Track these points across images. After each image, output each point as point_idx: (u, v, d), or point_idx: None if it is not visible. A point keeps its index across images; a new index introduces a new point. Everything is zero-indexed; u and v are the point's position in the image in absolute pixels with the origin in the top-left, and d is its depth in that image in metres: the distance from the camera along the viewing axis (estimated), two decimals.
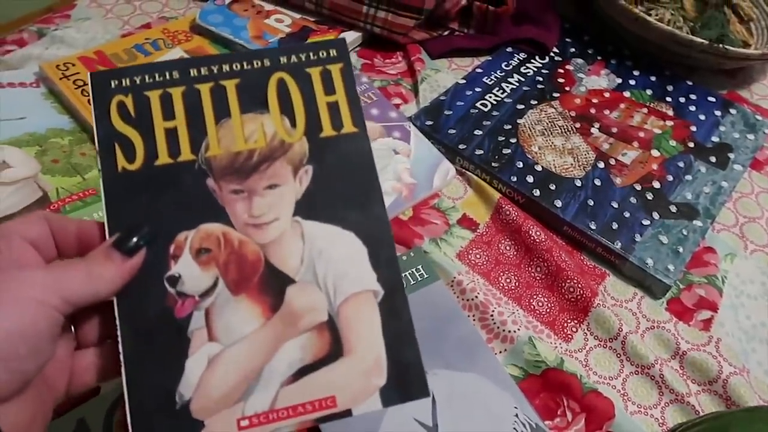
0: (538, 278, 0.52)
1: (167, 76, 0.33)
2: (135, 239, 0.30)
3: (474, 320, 0.49)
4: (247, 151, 0.33)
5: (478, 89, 0.66)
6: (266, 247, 0.32)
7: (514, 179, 0.57)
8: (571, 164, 0.59)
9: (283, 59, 0.34)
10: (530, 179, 0.57)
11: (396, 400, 0.30)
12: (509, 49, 0.72)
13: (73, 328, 0.30)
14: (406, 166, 0.56)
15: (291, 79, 0.34)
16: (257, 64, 0.34)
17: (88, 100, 0.56)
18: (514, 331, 0.47)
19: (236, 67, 0.34)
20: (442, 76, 0.69)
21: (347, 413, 0.30)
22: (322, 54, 0.35)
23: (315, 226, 0.32)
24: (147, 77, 0.33)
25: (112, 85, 0.33)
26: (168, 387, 0.29)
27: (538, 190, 0.56)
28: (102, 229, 0.31)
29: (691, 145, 0.63)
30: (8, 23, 1.65)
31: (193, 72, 0.34)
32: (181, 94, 0.33)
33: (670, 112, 0.66)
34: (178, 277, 0.31)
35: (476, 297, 0.49)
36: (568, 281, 0.51)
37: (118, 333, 0.30)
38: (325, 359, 0.31)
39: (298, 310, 0.31)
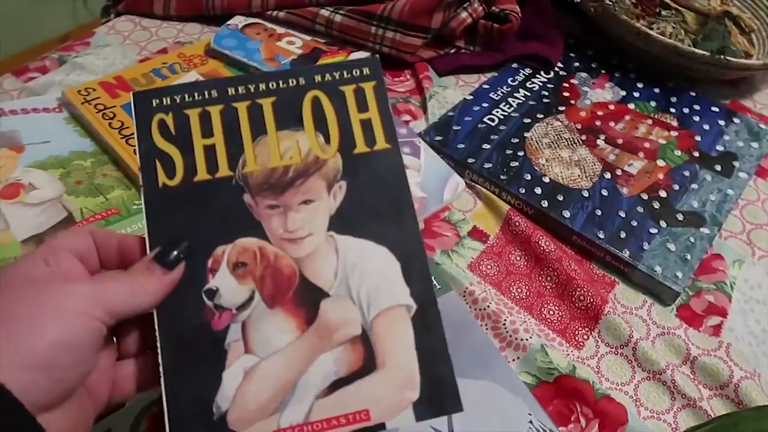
0: (548, 287, 0.53)
1: (206, 95, 0.34)
2: (175, 253, 0.31)
3: (487, 329, 0.50)
4: (283, 167, 0.34)
5: (485, 105, 0.67)
6: (301, 262, 0.32)
7: (523, 191, 0.58)
8: (579, 175, 0.60)
9: (318, 78, 0.35)
10: (538, 191, 0.58)
11: (429, 414, 0.31)
12: (515, 65, 0.74)
13: (114, 339, 0.31)
14: (416, 180, 0.58)
15: (325, 97, 0.35)
16: (292, 82, 0.35)
17: (110, 124, 0.59)
18: (527, 339, 0.48)
19: (272, 85, 0.35)
20: (450, 92, 0.71)
21: (381, 427, 0.31)
22: (356, 72, 0.36)
23: (349, 240, 0.33)
24: (187, 96, 0.34)
25: (154, 104, 0.34)
26: (205, 398, 0.30)
27: (546, 202, 0.57)
28: (143, 243, 0.32)
29: (696, 154, 0.64)
30: (27, 51, 1.70)
31: (231, 91, 0.35)
32: (219, 112, 0.34)
33: (675, 123, 0.68)
34: (216, 290, 0.32)
35: (488, 306, 0.50)
36: (579, 290, 0.52)
37: (158, 344, 0.30)
38: (358, 372, 0.31)
39: (332, 323, 0.32)
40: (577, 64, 0.75)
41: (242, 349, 0.31)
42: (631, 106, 0.69)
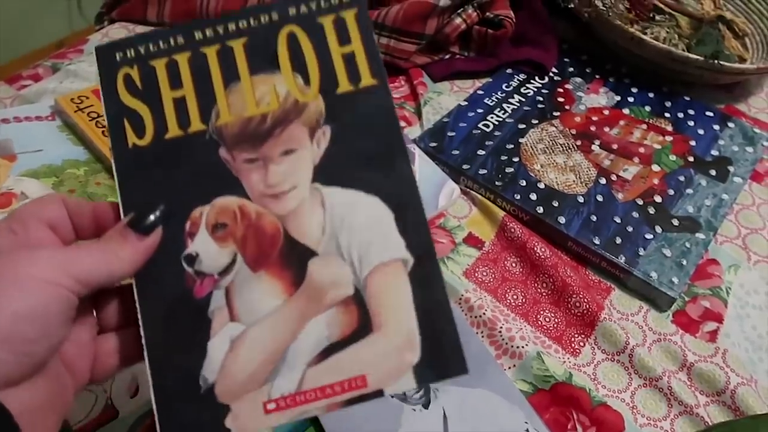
0: (544, 294, 0.53)
1: (172, 43, 0.32)
2: (151, 218, 0.29)
3: (482, 337, 0.49)
4: (260, 116, 0.31)
5: (479, 110, 0.67)
6: (285, 219, 0.30)
7: (518, 197, 0.58)
8: (574, 181, 0.60)
9: (292, 10, 0.32)
10: (533, 197, 0.58)
11: (431, 377, 0.29)
12: (509, 71, 0.74)
13: (95, 312, 0.30)
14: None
15: (302, 32, 0.32)
16: (265, 19, 0.32)
17: (103, 132, 0.58)
18: (523, 347, 0.48)
19: (242, 25, 0.32)
20: (445, 98, 0.70)
21: (379, 393, 0.29)
22: (334, 0, 0.32)
23: (336, 192, 0.30)
24: (152, 46, 0.32)
25: (118, 57, 0.32)
26: (191, 370, 0.29)
27: (541, 207, 0.57)
28: (117, 210, 0.30)
29: (691, 159, 0.64)
30: (21, 58, 1.70)
31: (198, 35, 0.32)
32: (187, 60, 0.31)
33: (669, 128, 0.68)
34: (196, 255, 0.30)
35: (484, 314, 0.50)
36: (574, 296, 0.52)
37: (139, 316, 0.29)
38: (353, 336, 0.29)
39: (321, 284, 0.30)
40: (571, 69, 0.75)
41: (227, 317, 0.29)
42: (626, 111, 0.69)
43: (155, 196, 0.30)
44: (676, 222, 0.57)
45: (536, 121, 0.66)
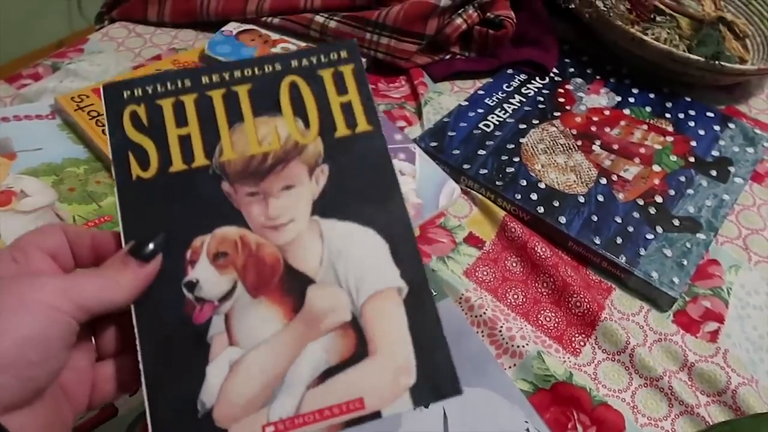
0: (545, 294, 0.53)
1: (179, 85, 0.33)
2: (151, 246, 0.30)
3: (483, 336, 0.49)
4: (262, 154, 0.33)
5: (480, 110, 0.67)
6: (284, 249, 0.31)
7: (519, 197, 0.58)
8: (574, 181, 0.60)
9: (294, 63, 0.34)
10: (534, 197, 0.58)
11: (427, 399, 0.30)
12: (510, 71, 0.74)
13: (93, 339, 0.30)
14: (411, 186, 0.58)
15: (303, 82, 0.34)
16: (269, 69, 0.34)
17: (103, 131, 0.58)
18: (523, 346, 0.48)
19: (248, 72, 0.34)
20: (445, 98, 0.70)
21: (376, 415, 0.29)
22: (333, 56, 0.35)
23: (333, 224, 0.32)
24: (159, 86, 0.33)
25: (125, 95, 0.33)
26: (189, 395, 0.29)
27: (542, 207, 0.57)
28: (118, 239, 0.31)
29: (692, 159, 0.64)
30: (22, 57, 1.70)
31: (205, 79, 0.34)
32: (194, 101, 0.33)
33: (670, 128, 0.68)
34: (196, 282, 0.30)
35: (484, 313, 0.50)
36: (575, 296, 0.52)
37: (137, 342, 0.29)
38: (350, 360, 0.30)
39: (319, 310, 0.31)
40: (572, 69, 0.75)
41: (226, 342, 0.30)
42: (627, 111, 0.69)
43: (157, 226, 0.31)
44: (676, 222, 0.57)
45: (537, 122, 0.66)
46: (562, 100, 0.70)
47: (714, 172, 0.63)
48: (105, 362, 0.30)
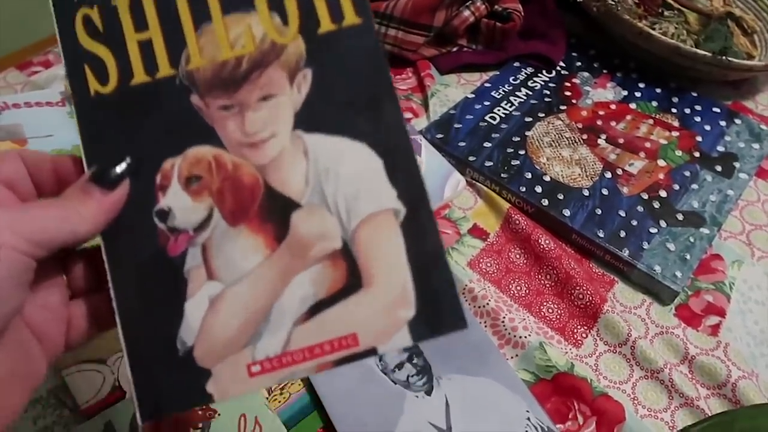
0: (547, 285, 0.53)
1: None
2: (116, 170, 0.27)
3: (486, 326, 0.50)
4: (234, 59, 0.28)
5: (486, 103, 0.68)
6: (265, 169, 0.28)
7: (523, 189, 0.58)
8: (579, 174, 0.60)
9: None
10: (539, 189, 0.58)
11: (428, 333, 0.27)
12: (516, 64, 0.74)
13: (64, 276, 0.28)
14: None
15: None
16: None
17: None
18: (525, 337, 0.48)
19: None
20: (452, 90, 0.71)
21: (372, 352, 0.27)
22: None
23: (319, 139, 0.28)
24: None
25: None
26: (168, 333, 0.27)
27: (546, 200, 0.57)
28: (80, 164, 0.28)
29: (697, 154, 0.64)
30: (31, 45, 1.70)
31: None
32: None
33: (676, 123, 0.68)
34: (168, 210, 0.28)
35: (488, 304, 0.50)
36: (578, 288, 0.52)
37: (108, 277, 0.27)
38: (342, 292, 0.27)
39: (306, 238, 0.27)
40: (579, 63, 0.75)
41: (204, 276, 0.27)
42: (633, 105, 0.69)
43: (121, 148, 0.28)
44: (680, 217, 0.57)
45: (543, 115, 0.67)
46: (568, 93, 0.70)
47: (719, 168, 0.63)
48: (79, 300, 0.28)
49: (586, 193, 0.58)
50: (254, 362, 0.27)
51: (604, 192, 0.59)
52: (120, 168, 0.27)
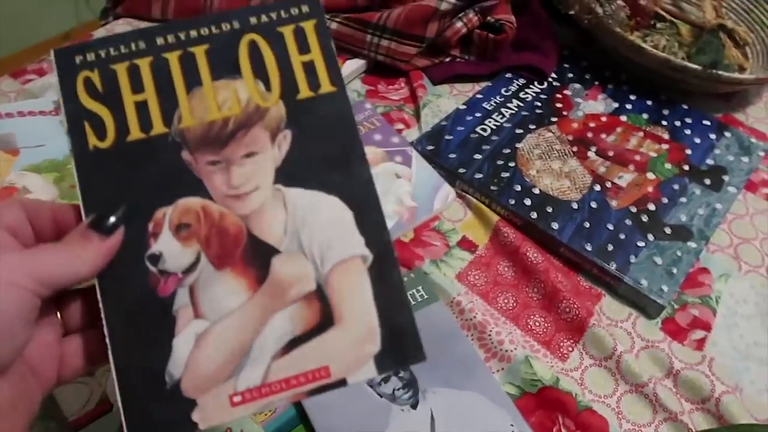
0: (535, 299, 0.54)
1: (133, 47, 0.32)
2: (112, 218, 0.29)
3: (472, 339, 0.50)
4: (222, 120, 0.32)
5: (478, 114, 0.68)
6: (248, 219, 0.31)
7: (513, 202, 0.59)
8: (568, 187, 0.61)
9: (253, 20, 0.33)
10: (528, 202, 0.59)
11: (391, 365, 0.30)
12: (508, 75, 0.74)
13: (59, 314, 0.30)
14: (407, 189, 0.58)
15: (263, 40, 0.33)
16: (226, 27, 0.33)
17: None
18: (511, 350, 0.49)
19: (204, 32, 0.33)
20: (444, 101, 0.71)
21: (342, 383, 0.30)
22: (294, 11, 0.33)
23: (297, 193, 0.32)
24: (112, 50, 0.32)
25: (77, 61, 0.32)
26: (156, 368, 0.29)
27: (535, 213, 0.58)
28: (78, 211, 0.30)
29: (686, 167, 0.64)
30: (28, 49, 1.70)
31: (160, 41, 0.32)
32: (149, 65, 0.32)
33: (666, 136, 0.68)
34: (159, 254, 0.30)
35: (475, 317, 0.51)
36: (565, 302, 0.52)
37: (102, 316, 0.29)
38: (315, 329, 0.30)
39: (284, 280, 0.31)
40: (570, 75, 0.75)
41: (192, 314, 0.30)
42: (623, 118, 0.70)
43: (117, 198, 0.30)
44: (668, 230, 0.58)
45: (533, 127, 0.67)
46: (559, 105, 0.70)
47: (708, 181, 0.63)
48: (72, 337, 0.30)
49: (575, 206, 0.59)
50: (236, 393, 0.30)
51: (593, 205, 0.59)
52: (116, 216, 0.30)
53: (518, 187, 0.60)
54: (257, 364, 0.30)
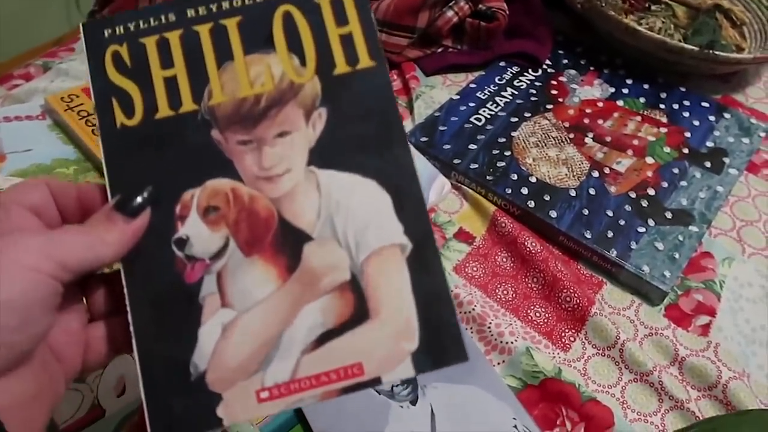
0: (534, 289, 0.53)
1: (163, 20, 0.31)
2: (138, 200, 0.28)
3: (472, 333, 0.49)
4: (254, 97, 0.30)
5: (472, 104, 0.67)
6: (279, 202, 0.29)
7: (509, 191, 0.57)
8: (566, 174, 0.60)
9: None
10: (525, 191, 0.57)
11: (430, 365, 0.28)
12: (502, 63, 0.73)
13: (84, 299, 0.29)
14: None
15: (298, 12, 0.31)
16: None
17: (93, 131, 0.58)
18: (512, 342, 0.48)
19: (237, 3, 0.31)
20: (437, 92, 0.70)
21: (376, 381, 0.28)
22: None
23: (332, 175, 0.30)
24: (142, 23, 0.31)
25: (106, 34, 0.31)
26: (181, 358, 0.28)
27: (532, 202, 0.57)
28: (104, 192, 0.29)
29: (686, 151, 0.63)
30: (16, 57, 1.70)
31: (191, 13, 0.31)
32: (179, 38, 0.31)
33: (664, 119, 0.67)
34: (186, 239, 0.29)
35: (473, 309, 0.50)
36: (565, 291, 0.51)
37: (127, 302, 0.28)
38: (349, 323, 0.28)
39: (316, 269, 0.29)
40: (565, 61, 0.74)
41: (218, 303, 0.29)
42: (620, 103, 0.69)
43: (144, 178, 0.29)
44: (669, 215, 0.57)
45: (529, 114, 0.66)
46: (555, 92, 0.69)
47: (708, 164, 0.62)
48: (97, 323, 0.29)
49: (573, 193, 0.58)
50: (263, 388, 0.28)
51: (592, 192, 0.58)
52: (142, 197, 0.29)
53: (515, 176, 0.59)
54: (286, 358, 0.28)
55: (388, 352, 0.28)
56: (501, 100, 0.67)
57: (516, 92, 0.69)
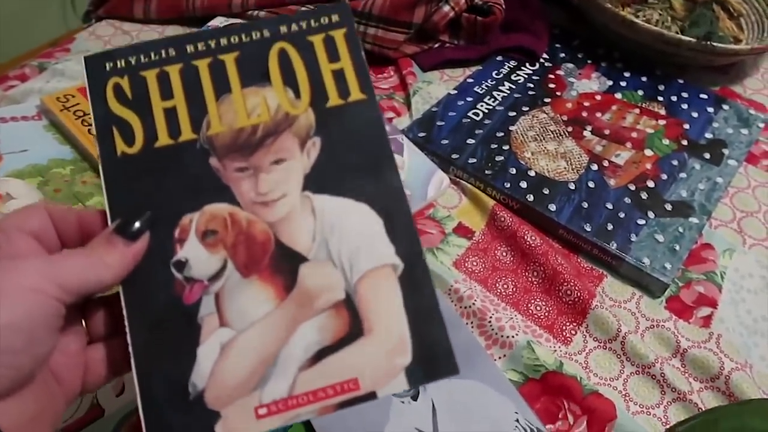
0: (535, 283, 0.52)
1: (163, 54, 0.32)
2: (138, 224, 0.29)
3: (472, 327, 0.49)
4: (251, 127, 0.31)
5: (469, 99, 0.67)
6: (276, 226, 0.31)
7: (508, 185, 0.57)
8: (565, 168, 0.59)
9: (283, 29, 0.33)
10: (524, 185, 0.57)
11: (422, 379, 0.29)
12: (499, 58, 0.73)
13: (84, 322, 0.30)
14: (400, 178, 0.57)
15: (293, 49, 0.33)
16: (256, 35, 0.33)
17: (89, 130, 0.58)
18: (513, 336, 0.48)
19: (234, 40, 0.33)
20: (434, 87, 0.70)
21: (372, 396, 0.29)
22: (324, 20, 0.33)
23: (326, 200, 0.31)
24: (142, 57, 0.32)
25: (107, 67, 0.32)
26: (180, 377, 0.28)
27: (531, 196, 0.56)
28: (104, 217, 0.30)
29: (685, 142, 0.63)
30: (14, 59, 1.69)
31: (190, 48, 0.33)
32: (179, 71, 0.32)
33: (663, 111, 0.67)
34: (185, 261, 0.30)
35: (474, 304, 0.49)
36: (565, 284, 0.51)
37: (126, 323, 0.29)
38: (344, 340, 0.29)
39: (312, 289, 0.30)
40: (562, 54, 0.74)
41: (217, 323, 0.29)
42: (618, 95, 0.68)
43: (143, 203, 0.30)
44: (669, 207, 0.56)
45: (527, 108, 0.66)
46: (552, 86, 0.69)
47: (707, 155, 0.62)
48: (96, 345, 0.30)
49: (572, 186, 0.57)
50: (261, 405, 0.29)
51: (591, 185, 0.58)
52: (141, 221, 0.29)
53: (513, 170, 0.59)
54: (284, 375, 0.29)
55: (382, 367, 0.29)
56: (498, 95, 0.67)
57: (513, 86, 0.68)
